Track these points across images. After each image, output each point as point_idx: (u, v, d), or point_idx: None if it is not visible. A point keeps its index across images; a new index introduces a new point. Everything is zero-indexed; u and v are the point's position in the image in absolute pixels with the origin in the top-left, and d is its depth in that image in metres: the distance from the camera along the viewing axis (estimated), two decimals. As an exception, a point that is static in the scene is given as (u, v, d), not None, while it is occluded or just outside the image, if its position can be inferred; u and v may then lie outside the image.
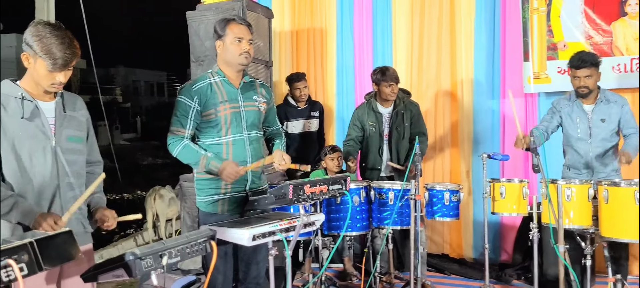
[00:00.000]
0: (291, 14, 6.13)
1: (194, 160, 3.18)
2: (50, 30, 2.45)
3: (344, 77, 5.96)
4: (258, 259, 3.40)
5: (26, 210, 2.44)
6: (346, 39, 5.92)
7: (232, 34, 3.20)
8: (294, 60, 6.13)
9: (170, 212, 7.51)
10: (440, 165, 5.57)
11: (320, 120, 5.56)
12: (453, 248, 5.53)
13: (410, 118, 4.80)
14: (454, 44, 5.47)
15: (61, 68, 2.46)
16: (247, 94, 3.32)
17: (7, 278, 1.73)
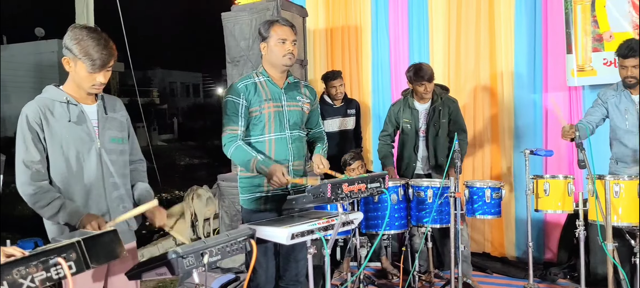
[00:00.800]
0: (325, 12, 6.11)
1: (245, 161, 3.21)
2: (87, 33, 2.52)
3: (379, 74, 5.91)
4: (298, 257, 3.42)
5: (72, 211, 2.50)
6: (381, 35, 5.87)
7: (276, 36, 3.23)
8: (328, 58, 6.11)
9: (207, 211, 7.59)
10: (480, 161, 5.46)
11: (356, 119, 5.52)
12: (494, 246, 5.42)
13: (448, 114, 4.72)
14: (493, 37, 5.35)
15: (100, 68, 2.53)
16: (291, 94, 3.35)
17: (57, 276, 1.77)
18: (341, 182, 2.87)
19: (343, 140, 5.39)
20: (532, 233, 4.14)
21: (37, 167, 2.51)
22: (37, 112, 2.53)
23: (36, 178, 2.50)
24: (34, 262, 1.73)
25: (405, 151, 4.81)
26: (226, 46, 5.13)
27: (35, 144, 2.51)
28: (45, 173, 2.54)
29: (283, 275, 3.47)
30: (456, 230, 3.88)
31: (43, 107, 2.55)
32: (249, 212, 3.35)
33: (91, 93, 2.64)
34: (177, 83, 47.43)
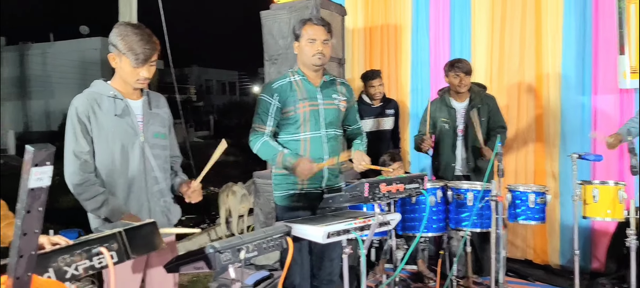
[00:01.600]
0: (364, 11, 6.06)
1: (271, 155, 3.23)
2: (131, 29, 2.59)
3: (419, 73, 5.82)
4: (332, 256, 3.41)
5: (115, 208, 2.57)
6: (422, 34, 5.78)
7: (307, 35, 3.23)
8: (367, 57, 6.06)
9: (242, 208, 7.64)
10: (523, 164, 5.30)
11: (395, 119, 5.45)
12: (537, 253, 5.25)
13: (487, 112, 4.61)
14: (540, 36, 5.18)
15: (143, 63, 2.58)
16: (327, 92, 3.33)
17: (100, 265, 1.79)
18: (379, 182, 2.84)
19: (379, 141, 5.32)
20: (578, 241, 4.00)
21: (86, 157, 2.58)
22: (86, 105, 2.59)
23: (84, 169, 2.57)
24: (78, 251, 1.77)
25: (443, 152, 4.72)
26: (264, 44, 5.13)
27: (83, 135, 2.58)
28: (92, 165, 2.61)
29: (317, 274, 3.47)
30: (498, 235, 3.78)
31: (91, 100, 2.61)
32: (282, 208, 3.36)
33: (136, 87, 2.69)
34: (213, 81, 48.07)
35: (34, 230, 1.40)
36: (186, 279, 5.24)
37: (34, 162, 1.32)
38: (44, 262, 1.68)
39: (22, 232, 1.38)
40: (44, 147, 1.33)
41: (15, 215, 1.38)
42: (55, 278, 1.69)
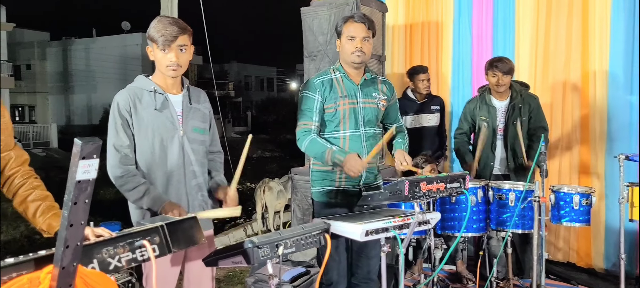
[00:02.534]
0: (405, 8, 5.99)
1: (320, 152, 3.19)
2: (158, 19, 2.65)
3: (460, 71, 5.73)
4: (371, 254, 3.37)
5: (156, 198, 2.59)
6: (464, 31, 5.68)
7: (347, 32, 3.21)
8: (407, 54, 5.99)
9: (278, 204, 7.68)
10: (567, 165, 5.16)
11: (441, 116, 5.37)
12: (580, 256, 5.11)
13: (528, 112, 4.49)
14: (586, 33, 5.02)
15: (169, 44, 2.60)
16: (367, 91, 3.30)
17: (142, 258, 1.81)
18: (419, 180, 2.80)
19: (422, 137, 5.26)
20: (624, 244, 3.88)
21: (126, 151, 2.62)
22: (127, 99, 2.63)
23: (125, 162, 2.61)
24: (121, 243, 1.80)
25: (482, 151, 4.62)
26: (304, 41, 5.13)
27: (124, 129, 2.62)
28: (132, 158, 2.65)
29: (355, 272, 3.45)
30: (540, 237, 3.68)
31: (133, 95, 2.65)
32: (319, 204, 3.34)
33: (169, 75, 2.69)
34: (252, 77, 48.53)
35: (80, 221, 1.42)
36: (222, 274, 5.29)
37: (81, 154, 1.33)
38: (89, 253, 1.71)
39: (68, 223, 1.39)
40: (91, 141, 1.34)
41: (63, 206, 1.40)
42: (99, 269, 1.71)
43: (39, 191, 2.13)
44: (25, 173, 2.17)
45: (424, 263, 4.58)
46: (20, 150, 2.21)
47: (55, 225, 2.03)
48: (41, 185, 2.17)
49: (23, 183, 2.13)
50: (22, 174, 2.16)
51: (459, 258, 4.70)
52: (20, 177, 2.15)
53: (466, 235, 4.14)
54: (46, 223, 2.06)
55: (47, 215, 2.06)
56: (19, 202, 2.12)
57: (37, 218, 2.08)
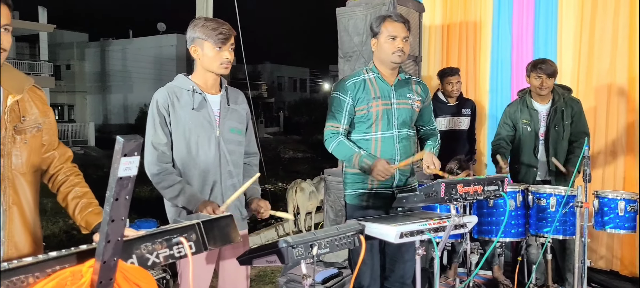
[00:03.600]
0: (443, 8, 5.92)
1: (347, 156, 3.19)
2: (204, 19, 2.71)
3: (499, 72, 5.62)
4: (405, 258, 3.34)
5: (191, 196, 2.61)
6: (503, 31, 5.58)
7: (387, 32, 3.16)
8: (444, 55, 5.92)
9: (310, 205, 7.67)
10: (612, 171, 4.99)
11: (471, 119, 5.28)
12: (624, 265, 4.93)
13: (571, 116, 4.37)
14: (634, 34, 4.82)
15: (224, 42, 2.65)
16: (401, 92, 3.27)
17: (179, 254, 1.82)
18: (456, 182, 2.76)
19: (454, 140, 5.18)
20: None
21: (163, 149, 2.65)
22: (166, 98, 2.66)
23: (162, 159, 2.64)
24: (159, 239, 1.80)
25: (524, 155, 4.51)
26: (339, 41, 5.12)
27: (162, 127, 2.65)
28: (169, 156, 2.67)
29: (389, 275, 3.43)
30: (582, 244, 3.58)
31: (171, 93, 2.68)
32: (352, 207, 3.32)
33: (222, 73, 2.74)
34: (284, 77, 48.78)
35: (121, 217, 1.43)
36: (253, 273, 5.31)
37: (123, 152, 1.34)
38: (128, 248, 1.72)
39: (110, 218, 1.41)
40: (133, 138, 1.35)
41: (105, 202, 1.41)
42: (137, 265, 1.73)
43: (78, 188, 2.16)
44: (68, 170, 2.21)
45: (459, 268, 4.51)
46: (64, 148, 2.25)
47: (92, 222, 2.07)
48: (81, 182, 2.20)
49: (65, 180, 2.17)
50: (65, 171, 2.20)
51: (496, 264, 4.61)
52: (63, 174, 2.19)
53: (504, 240, 4.07)
54: (84, 220, 2.09)
55: (85, 213, 2.09)
56: (61, 198, 2.16)
57: (76, 215, 2.11)
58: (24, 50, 32.49)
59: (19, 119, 2.00)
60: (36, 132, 2.06)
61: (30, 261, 1.52)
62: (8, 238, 1.97)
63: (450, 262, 4.63)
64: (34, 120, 2.06)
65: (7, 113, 1.96)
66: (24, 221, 2.02)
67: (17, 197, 1.99)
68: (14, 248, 1.99)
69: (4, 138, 1.95)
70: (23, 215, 2.02)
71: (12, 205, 1.98)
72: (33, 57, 31.59)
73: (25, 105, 2.04)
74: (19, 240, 2.01)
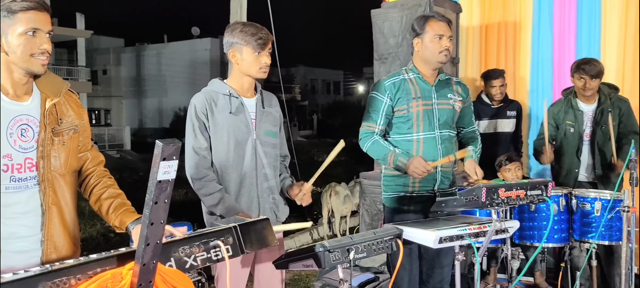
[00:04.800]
0: (480, 8, 5.81)
1: (383, 155, 3.15)
2: (242, 24, 2.73)
3: (540, 73, 5.48)
4: (443, 263, 3.27)
5: (229, 207, 2.64)
6: (544, 31, 5.43)
7: (432, 32, 3.11)
8: (482, 56, 5.81)
9: (344, 208, 7.62)
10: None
11: (517, 121, 5.16)
12: (674, 272, 4.75)
13: (618, 116, 4.23)
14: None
15: (263, 47, 2.67)
16: (442, 92, 3.21)
17: (216, 258, 1.82)
18: (498, 187, 2.69)
19: (498, 143, 5.06)
20: None
21: (204, 153, 2.67)
22: (204, 103, 2.69)
23: (203, 164, 2.66)
24: (196, 243, 1.82)
25: (566, 157, 4.39)
26: (374, 43, 5.09)
27: (202, 132, 2.68)
28: (210, 160, 2.70)
29: (426, 280, 3.38)
30: (629, 250, 3.45)
31: (209, 98, 2.70)
32: (391, 210, 3.27)
33: (259, 77, 2.76)
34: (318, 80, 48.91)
35: (160, 220, 1.44)
36: (288, 277, 5.29)
37: (162, 155, 1.35)
38: (167, 251, 1.74)
39: (149, 221, 1.41)
40: (172, 142, 1.36)
41: (144, 205, 1.42)
42: (175, 267, 1.74)
43: (111, 189, 2.21)
44: (100, 174, 2.26)
45: (499, 274, 4.41)
46: (97, 152, 2.30)
47: (126, 221, 2.11)
48: (114, 184, 2.25)
49: (97, 182, 2.22)
50: (97, 174, 2.25)
51: (538, 270, 4.48)
52: (96, 177, 2.23)
53: (546, 246, 3.97)
54: (118, 219, 2.13)
55: (119, 212, 2.13)
56: (94, 200, 2.21)
57: (110, 215, 2.15)
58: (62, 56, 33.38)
59: (57, 122, 2.06)
60: (73, 133, 2.12)
61: (72, 263, 1.57)
62: (47, 239, 2.01)
63: (489, 267, 4.52)
64: (70, 122, 2.11)
65: (46, 116, 2.01)
66: (62, 222, 2.06)
67: (56, 197, 2.04)
68: (53, 249, 2.04)
69: (43, 140, 2.00)
70: (62, 216, 2.06)
71: (51, 206, 2.02)
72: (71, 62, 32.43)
73: (62, 109, 2.09)
74: (58, 240, 2.05)
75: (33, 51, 1.90)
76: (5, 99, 1.95)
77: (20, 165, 1.96)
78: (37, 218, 2.00)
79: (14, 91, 1.97)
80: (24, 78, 1.96)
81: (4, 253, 1.93)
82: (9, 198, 1.94)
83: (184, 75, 36.98)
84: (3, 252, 1.93)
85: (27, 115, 1.99)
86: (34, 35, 1.89)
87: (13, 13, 1.87)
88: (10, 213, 1.94)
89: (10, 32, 1.88)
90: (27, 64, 1.92)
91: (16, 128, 1.96)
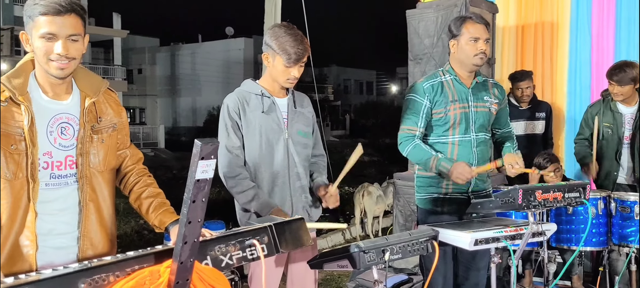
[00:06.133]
0: (517, 8, 5.72)
1: (424, 159, 3.09)
2: (284, 30, 2.69)
3: (577, 75, 5.37)
4: (479, 266, 3.22)
5: (264, 203, 2.64)
6: (582, 32, 5.32)
7: (468, 34, 3.06)
8: (518, 57, 5.72)
9: (377, 209, 7.59)
10: None
11: (546, 122, 5.07)
12: None
13: None
14: None
15: (294, 62, 2.67)
16: (479, 95, 3.17)
17: (251, 257, 1.83)
18: (535, 188, 2.65)
19: (529, 145, 4.98)
20: None
21: (237, 152, 2.70)
22: (236, 102, 2.71)
23: (236, 163, 2.68)
24: (232, 241, 1.82)
25: (605, 159, 4.31)
26: (409, 43, 5.05)
27: (235, 131, 2.70)
28: (242, 159, 2.72)
29: (462, 283, 3.34)
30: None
31: (241, 98, 2.73)
32: (424, 212, 3.24)
33: (285, 86, 2.78)
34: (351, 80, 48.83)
35: (198, 219, 1.45)
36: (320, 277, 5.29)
37: (201, 155, 1.36)
38: (203, 249, 1.75)
39: (187, 220, 1.43)
40: (210, 142, 1.37)
41: (182, 204, 1.43)
42: (211, 266, 1.75)
43: (151, 188, 2.23)
44: (140, 172, 2.28)
45: (535, 277, 4.33)
46: (135, 149, 2.33)
47: (166, 221, 2.12)
48: (154, 183, 2.27)
49: (137, 181, 2.24)
50: (137, 172, 2.27)
51: (575, 274, 4.39)
52: (135, 175, 2.26)
53: (584, 249, 3.90)
54: (158, 219, 2.15)
55: (159, 212, 2.15)
56: (134, 199, 2.23)
57: (149, 214, 2.17)
58: (98, 55, 34.07)
59: (96, 120, 2.09)
60: (112, 131, 2.15)
61: (111, 260, 1.59)
62: (84, 235, 2.05)
63: (524, 270, 4.46)
64: (109, 120, 2.14)
65: (85, 114, 2.05)
66: (100, 219, 2.09)
67: (94, 194, 2.07)
68: (90, 245, 2.07)
69: (82, 138, 2.03)
70: (99, 213, 2.09)
71: (89, 202, 2.05)
72: (107, 61, 33.04)
73: (101, 107, 2.13)
74: (95, 237, 2.08)
75: (49, 55, 1.92)
76: (45, 98, 2.00)
77: (60, 162, 2.00)
78: (74, 215, 2.04)
79: (53, 91, 2.01)
80: (56, 79, 1.99)
81: (43, 249, 1.97)
82: (49, 195, 1.97)
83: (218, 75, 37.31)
84: (41, 248, 1.97)
85: (67, 113, 2.03)
86: (50, 40, 1.91)
87: (34, 16, 1.90)
88: (49, 209, 1.98)
89: (33, 35, 1.92)
90: (46, 67, 1.94)
91: (56, 126, 2.00)
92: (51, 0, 1.88)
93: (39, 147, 1.95)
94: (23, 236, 1.94)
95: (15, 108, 1.93)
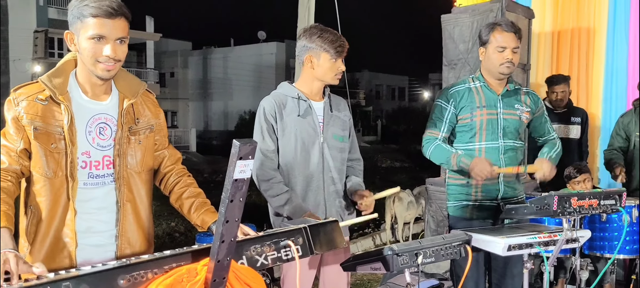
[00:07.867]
0: (553, 13, 5.66)
1: (445, 158, 3.09)
2: (320, 29, 2.71)
3: (613, 81, 5.30)
4: (514, 272, 3.18)
5: (297, 208, 2.65)
6: (619, 38, 5.25)
7: (496, 42, 3.03)
8: (554, 62, 5.65)
9: (408, 215, 7.55)
10: None
11: (582, 128, 4.99)
12: None
13: None
14: None
15: (340, 55, 2.69)
16: (509, 102, 3.13)
17: (286, 258, 1.85)
18: (571, 195, 2.62)
19: (566, 151, 4.90)
20: None
21: (271, 155, 2.70)
22: (273, 105, 2.72)
23: (270, 166, 2.69)
24: (267, 242, 1.84)
25: (636, 169, 4.23)
26: (444, 48, 5.03)
27: (270, 134, 2.71)
28: (276, 162, 2.73)
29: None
30: None
31: (278, 101, 2.73)
32: (455, 219, 3.22)
33: (334, 83, 2.78)
34: (383, 86, 48.55)
35: (235, 218, 1.47)
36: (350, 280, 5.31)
37: (239, 155, 1.36)
38: (239, 249, 1.77)
39: (225, 219, 1.45)
40: (249, 142, 1.37)
41: (220, 203, 1.45)
42: (247, 265, 1.78)
43: (192, 188, 2.24)
44: (179, 172, 2.30)
45: (568, 285, 4.26)
46: (174, 150, 2.35)
47: (208, 221, 2.14)
48: (194, 183, 2.28)
49: (177, 181, 2.26)
50: (177, 172, 2.29)
51: (608, 282, 4.30)
52: (175, 176, 2.27)
53: (618, 257, 3.85)
54: (200, 219, 2.16)
55: (201, 211, 2.16)
56: (175, 199, 2.25)
57: (191, 214, 2.18)
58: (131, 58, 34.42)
59: (134, 121, 2.11)
60: (149, 133, 2.17)
61: (149, 258, 1.62)
62: (121, 234, 2.08)
63: (557, 277, 4.39)
64: (147, 121, 2.17)
65: (123, 115, 2.08)
66: (137, 218, 2.12)
67: (131, 195, 2.10)
68: (127, 244, 2.10)
69: (120, 139, 2.06)
70: (137, 213, 2.12)
71: (126, 203, 2.08)
72: (140, 64, 33.32)
73: (139, 108, 2.15)
74: (132, 236, 2.11)
75: (97, 56, 1.94)
76: (84, 98, 2.03)
77: (98, 162, 2.03)
78: (112, 214, 2.07)
79: (92, 91, 2.04)
80: (99, 80, 2.02)
81: (82, 246, 2.01)
82: (87, 194, 2.01)
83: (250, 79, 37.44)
84: (81, 245, 2.01)
85: (106, 114, 2.06)
86: (99, 41, 1.93)
87: (83, 17, 1.92)
88: (87, 208, 2.01)
89: (81, 35, 1.94)
90: (92, 68, 1.97)
91: (95, 126, 2.03)
92: (103, 3, 1.91)
93: (78, 146, 1.98)
94: (63, 233, 1.99)
95: (55, 107, 1.96)
